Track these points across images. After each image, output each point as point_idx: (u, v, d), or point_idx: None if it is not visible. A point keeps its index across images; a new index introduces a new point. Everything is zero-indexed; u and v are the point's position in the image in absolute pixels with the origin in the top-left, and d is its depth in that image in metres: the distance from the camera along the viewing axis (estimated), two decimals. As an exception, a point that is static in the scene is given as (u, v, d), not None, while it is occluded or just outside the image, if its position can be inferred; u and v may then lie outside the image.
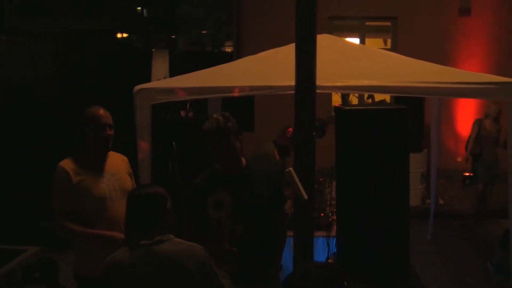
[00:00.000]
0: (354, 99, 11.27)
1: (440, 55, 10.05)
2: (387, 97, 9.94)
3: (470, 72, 6.43)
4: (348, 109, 4.38)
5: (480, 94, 5.23)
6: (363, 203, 4.23)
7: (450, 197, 9.81)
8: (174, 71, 10.93)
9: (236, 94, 4.74)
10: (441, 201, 9.55)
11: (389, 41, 11.52)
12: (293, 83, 3.87)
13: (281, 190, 3.87)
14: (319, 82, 3.97)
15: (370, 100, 10.94)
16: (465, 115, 9.95)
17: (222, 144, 3.61)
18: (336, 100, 10.97)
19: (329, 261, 4.90)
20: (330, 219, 5.60)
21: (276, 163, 6.22)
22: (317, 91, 3.93)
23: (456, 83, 4.93)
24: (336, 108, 4.60)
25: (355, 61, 5.46)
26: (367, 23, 11.20)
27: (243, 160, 3.83)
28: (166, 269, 2.95)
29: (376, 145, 4.20)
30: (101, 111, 4.03)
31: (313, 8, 3.81)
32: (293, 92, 3.88)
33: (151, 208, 3.05)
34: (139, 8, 25.45)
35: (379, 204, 4.22)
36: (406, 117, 4.24)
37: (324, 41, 5.24)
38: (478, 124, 8.55)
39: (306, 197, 3.62)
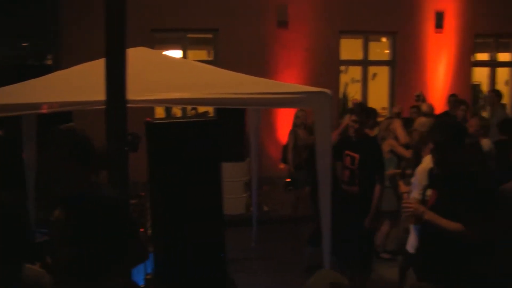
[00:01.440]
0: (178, 111, 11.31)
1: (260, 65, 10.47)
2: (210, 109, 10.09)
3: (284, 83, 6.73)
4: (157, 123, 4.38)
5: (291, 104, 5.53)
6: (176, 215, 4.23)
7: (274, 203, 10.10)
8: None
9: (44, 111, 4.49)
10: (265, 208, 9.83)
11: (212, 52, 11.72)
12: (104, 97, 3.78)
13: (124, 213, 3.48)
14: (131, 96, 3.90)
15: (194, 112, 11.06)
16: (285, 123, 10.36)
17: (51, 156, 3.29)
18: (161, 112, 10.95)
19: (147, 277, 4.82)
20: (149, 233, 5.52)
21: None
22: (129, 105, 3.86)
23: (269, 94, 5.14)
24: (145, 122, 4.56)
25: (171, 74, 5.44)
26: (189, 35, 11.32)
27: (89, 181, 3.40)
28: None
29: (187, 157, 4.24)
30: None
31: (123, 21, 3.74)
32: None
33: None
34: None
35: (192, 215, 4.25)
36: (217, 128, 4.33)
37: (140, 54, 5.20)
38: (293, 134, 8.71)
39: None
